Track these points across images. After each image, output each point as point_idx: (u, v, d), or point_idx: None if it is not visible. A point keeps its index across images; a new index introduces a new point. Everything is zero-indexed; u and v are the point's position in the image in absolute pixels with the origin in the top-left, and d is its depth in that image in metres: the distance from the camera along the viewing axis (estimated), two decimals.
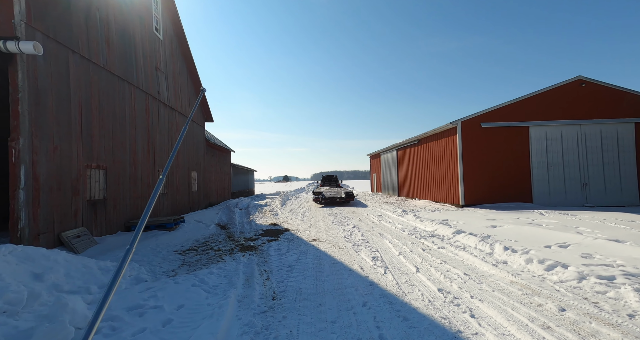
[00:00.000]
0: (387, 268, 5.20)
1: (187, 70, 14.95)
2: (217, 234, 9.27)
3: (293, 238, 8.26)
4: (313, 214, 13.51)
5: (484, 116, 14.84)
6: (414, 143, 20.51)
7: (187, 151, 14.64)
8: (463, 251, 5.99)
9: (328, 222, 10.95)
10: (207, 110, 17.63)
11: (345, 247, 7.02)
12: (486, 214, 10.94)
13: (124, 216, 9.02)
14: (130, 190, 9.43)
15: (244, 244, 7.61)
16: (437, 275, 4.69)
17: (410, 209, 14.42)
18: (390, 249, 6.67)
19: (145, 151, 10.44)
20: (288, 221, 11.60)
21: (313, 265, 5.57)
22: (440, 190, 16.88)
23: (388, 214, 12.89)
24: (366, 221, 11.03)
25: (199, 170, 16.56)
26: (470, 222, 9.11)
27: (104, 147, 8.13)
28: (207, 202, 17.78)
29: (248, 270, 5.32)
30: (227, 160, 23.58)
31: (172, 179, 12.80)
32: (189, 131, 15.18)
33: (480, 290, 4.01)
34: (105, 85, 8.22)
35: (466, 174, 14.69)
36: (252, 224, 11.08)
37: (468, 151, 14.76)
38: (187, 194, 14.43)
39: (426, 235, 7.80)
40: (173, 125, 12.98)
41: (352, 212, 13.86)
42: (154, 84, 11.15)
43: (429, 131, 17.49)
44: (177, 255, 6.61)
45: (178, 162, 13.48)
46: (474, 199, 14.69)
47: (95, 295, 3.76)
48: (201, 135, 17.05)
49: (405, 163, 22.48)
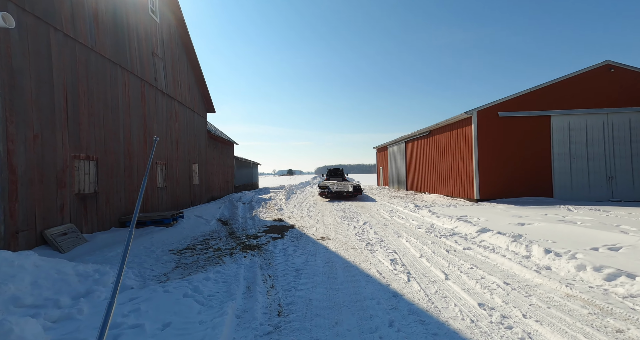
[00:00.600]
0: (410, 274, 4.50)
1: (187, 58, 14.18)
2: (218, 230, 8.64)
3: (299, 236, 7.59)
4: (319, 209, 12.83)
5: (502, 105, 13.92)
6: (424, 135, 19.63)
7: (187, 142, 13.97)
8: (494, 253, 5.25)
9: (336, 218, 10.26)
10: (208, 100, 16.91)
11: (357, 246, 6.32)
12: (507, 210, 10.15)
13: (118, 211, 8.41)
14: (125, 183, 8.80)
15: (246, 243, 6.96)
16: (472, 284, 3.97)
17: (422, 203, 13.67)
18: (408, 249, 5.96)
19: (142, 142, 9.79)
20: (293, 217, 10.94)
21: (324, 269, 4.89)
22: (453, 184, 16.08)
23: (399, 209, 12.16)
24: (377, 217, 10.32)
25: (201, 162, 15.92)
26: (493, 218, 8.34)
27: (94, 137, 7.47)
28: (209, 195, 17.19)
29: (250, 275, 4.66)
30: (230, 152, 22.94)
31: (172, 172, 12.17)
32: (190, 122, 14.51)
33: (531, 306, 3.29)
34: (94, 68, 7.51)
35: (481, 166, 13.86)
36: (256, 219, 10.44)
37: (484, 142, 13.90)
38: (188, 187, 13.82)
39: (446, 234, 7.07)
40: (172, 115, 12.29)
41: (360, 207, 13.16)
42: (150, 70, 10.43)
43: (441, 122, 16.61)
44: (172, 255, 5.97)
45: (178, 154, 12.84)
46: (489, 193, 13.88)
47: (65, 310, 3.11)
48: (202, 126, 16.37)
49: (415, 156, 21.64)
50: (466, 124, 14.59)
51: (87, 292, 3.57)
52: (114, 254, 5.76)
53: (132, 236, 1.75)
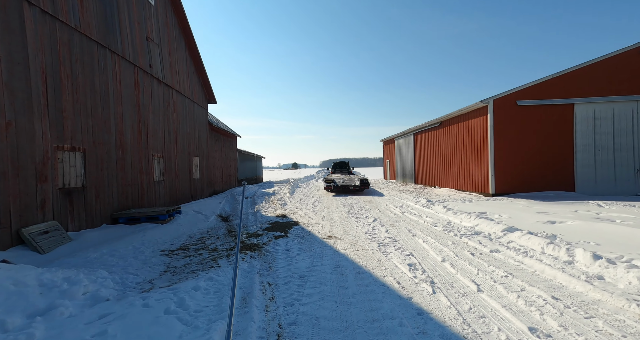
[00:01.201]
0: (434, 283, 3.82)
1: (185, 45, 13.46)
2: (216, 227, 8.04)
3: (304, 234, 6.95)
4: (325, 204, 12.18)
5: (520, 93, 12.99)
6: (435, 126, 18.76)
7: (187, 134, 13.35)
8: (528, 257, 4.55)
9: (343, 214, 9.60)
10: (209, 90, 16.22)
11: (369, 247, 5.66)
12: (530, 206, 9.38)
13: (110, 206, 7.84)
14: (118, 176, 8.21)
15: (245, 242, 6.34)
16: (512, 299, 3.28)
17: (434, 198, 12.93)
18: (427, 251, 5.28)
19: (135, 132, 9.17)
20: (298, 212, 10.30)
21: (332, 275, 4.24)
22: (465, 178, 15.28)
23: (410, 204, 11.45)
24: (387, 213, 9.63)
25: (202, 155, 15.33)
26: (516, 215, 7.60)
27: (80, 126, 6.85)
28: (210, 189, 16.64)
29: (247, 282, 4.03)
30: (233, 145, 22.33)
31: (170, 165, 11.58)
32: (190, 113, 13.86)
33: (599, 333, 2.59)
34: (79, 51, 6.85)
35: (497, 159, 13.03)
36: (258, 215, 9.83)
37: (500, 133, 13.03)
38: (187, 181, 13.25)
39: (467, 233, 6.36)
40: (169, 105, 11.64)
41: (368, 202, 12.47)
42: (144, 56, 9.74)
43: (454, 112, 15.73)
44: (163, 257, 5.37)
45: (177, 146, 12.23)
46: (506, 187, 13.07)
47: (10, 335, 2.50)
48: (203, 117, 15.72)
49: (424, 148, 20.79)
50: (481, 114, 13.71)
51: (48, 307, 2.97)
52: (97, 255, 5.17)
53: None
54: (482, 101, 13.10)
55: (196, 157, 14.58)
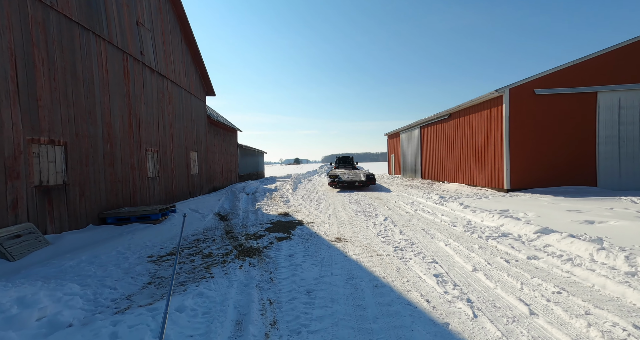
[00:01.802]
0: (472, 302, 3.12)
1: (180, 33, 12.67)
2: (213, 227, 7.37)
3: (309, 236, 6.26)
4: (330, 201, 11.49)
5: (539, 81, 12.15)
6: (444, 118, 17.93)
7: (184, 128, 12.65)
8: (577, 267, 3.83)
9: (351, 212, 8.90)
10: (207, 81, 15.46)
11: (384, 252, 4.96)
12: (555, 202, 8.62)
13: (97, 205, 7.19)
14: (106, 172, 7.54)
15: (244, 245, 5.66)
16: (582, 329, 2.57)
17: (445, 194, 12.20)
18: (452, 257, 4.58)
19: (126, 124, 8.47)
20: (301, 210, 9.62)
21: (345, 290, 3.55)
22: (477, 172, 14.51)
23: (421, 200, 10.73)
24: (398, 211, 8.92)
25: (200, 150, 14.64)
26: (545, 214, 6.87)
27: (60, 117, 6.15)
28: (210, 186, 15.99)
29: (243, 299, 3.34)
30: (234, 140, 21.62)
31: (166, 160, 10.90)
32: (187, 105, 13.13)
33: None
34: (57, 32, 6.12)
35: (513, 152, 12.24)
36: (259, 213, 9.15)
37: (516, 124, 12.23)
38: (185, 177, 12.58)
39: (493, 235, 5.65)
40: (164, 96, 10.92)
41: (376, 199, 11.76)
42: (134, 42, 8.99)
43: (465, 103, 14.90)
44: (149, 264, 4.70)
45: (172, 140, 11.54)
46: (522, 182, 12.31)
47: None
48: (201, 110, 14.99)
49: (431, 141, 19.99)
50: (495, 104, 12.89)
51: None
52: (74, 262, 4.51)
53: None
54: (497, 90, 12.27)
55: (194, 152, 13.90)
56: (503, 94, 12.29)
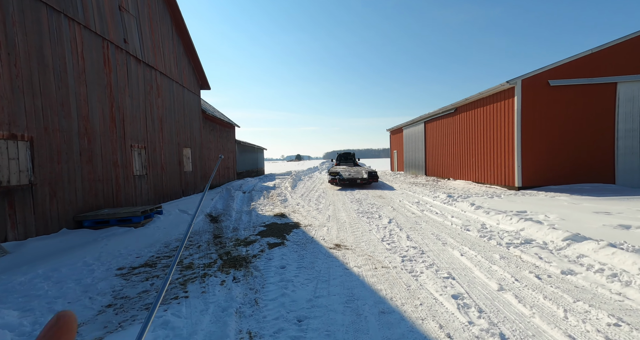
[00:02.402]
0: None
1: (171, 21, 11.92)
2: (201, 231, 6.70)
3: (305, 241, 5.58)
4: (330, 200, 10.80)
5: (553, 72, 11.35)
6: (449, 112, 17.15)
7: (175, 123, 11.95)
8: (628, 287, 3.14)
9: (352, 213, 8.21)
10: (201, 74, 14.72)
11: (390, 264, 4.28)
12: (575, 202, 7.90)
13: (72, 207, 6.52)
14: (83, 170, 6.87)
15: (231, 253, 4.99)
16: None
17: (454, 193, 11.48)
18: (471, 271, 3.89)
19: (107, 118, 7.78)
20: (299, 210, 8.94)
21: (345, 317, 2.86)
22: (485, 169, 13.77)
23: (427, 199, 10.02)
24: (403, 212, 8.23)
25: (194, 146, 13.96)
26: (569, 216, 6.16)
27: (23, 108, 5.46)
28: (205, 184, 15.34)
29: (216, 332, 2.66)
30: (231, 136, 20.92)
31: (155, 157, 10.23)
32: (179, 99, 12.42)
33: None
34: (18, 10, 5.41)
35: (525, 147, 11.50)
36: (253, 214, 8.48)
37: (529, 118, 11.46)
38: (177, 175, 11.92)
39: (514, 241, 4.95)
40: (152, 88, 10.21)
41: (379, 198, 11.07)
42: (116, 28, 8.27)
43: (473, 96, 14.11)
44: (117, 278, 4.04)
45: (163, 135, 10.86)
46: (534, 180, 11.58)
47: None
48: (195, 104, 14.28)
49: (436, 137, 19.22)
50: (506, 97, 12.11)
51: None
52: (27, 278, 3.85)
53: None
54: (508, 82, 11.49)
55: (188, 149, 13.22)
56: (515, 85, 11.50)
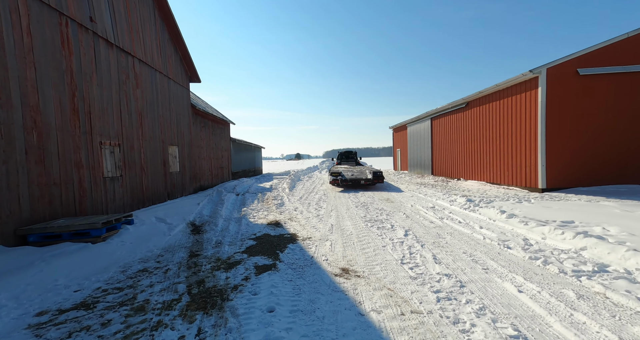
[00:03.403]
0: None
1: (153, 2, 10.62)
2: (176, 247, 5.45)
3: (304, 264, 4.33)
4: (332, 204, 9.55)
5: (583, 59, 10.10)
6: (460, 107, 15.89)
7: (159, 117, 10.68)
8: None
9: (358, 221, 6.96)
10: (190, 65, 13.43)
11: (423, 307, 3.02)
12: (629, 209, 6.64)
13: (15, 218, 5.26)
14: (31, 173, 5.60)
15: (205, 283, 3.74)
16: None
17: (471, 195, 10.22)
18: (546, 323, 2.65)
19: (67, 110, 6.51)
20: (297, 217, 7.69)
21: None
22: (502, 168, 12.53)
23: (443, 204, 8.78)
24: (419, 219, 6.98)
25: (183, 144, 12.69)
26: (636, 228, 4.90)
27: None
28: (196, 185, 14.08)
29: None
30: (226, 133, 19.64)
31: (132, 156, 8.96)
32: (164, 91, 11.15)
33: None
34: None
35: (550, 144, 10.26)
36: (243, 223, 7.23)
37: (554, 111, 10.22)
38: (161, 176, 10.66)
39: (582, 268, 3.71)
40: (129, 78, 8.93)
41: (387, 201, 9.82)
42: (79, 4, 6.98)
43: (488, 88, 12.86)
44: (26, 332, 2.78)
45: (143, 131, 9.59)
46: (560, 180, 10.34)
47: None
48: (183, 98, 13.00)
49: (444, 134, 17.97)
50: (528, 88, 10.85)
51: None
52: None
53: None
54: (531, 71, 10.22)
55: (174, 147, 11.96)
56: (539, 75, 10.25)
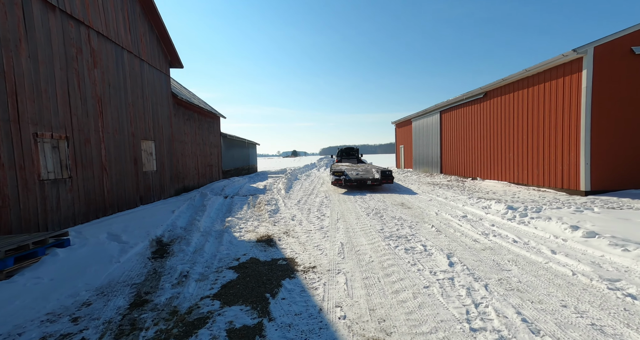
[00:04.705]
0: None
1: None
2: (118, 285, 3.68)
3: (308, 330, 2.58)
4: (337, 210, 7.81)
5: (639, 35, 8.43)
6: (476, 98, 14.19)
7: (129, 107, 8.85)
8: None
9: (375, 238, 5.23)
10: (169, 47, 11.56)
11: None
12: None
13: None
14: None
15: None
16: None
17: (504, 199, 8.50)
18: None
19: None
20: (294, 230, 5.94)
21: None
22: (530, 167, 10.88)
23: (477, 212, 7.07)
24: (454, 236, 5.26)
25: (161, 139, 10.87)
26: None
27: None
28: (179, 186, 12.26)
29: None
30: (215, 128, 17.78)
31: (87, 152, 7.16)
32: (135, 75, 9.31)
33: None
34: None
35: (596, 138, 8.61)
36: (225, 239, 5.47)
37: (603, 98, 8.56)
38: (131, 176, 8.85)
39: None
40: (81, 53, 7.09)
41: (402, 207, 8.11)
42: None
43: (514, 75, 11.17)
44: None
45: (104, 122, 7.77)
46: (607, 181, 8.71)
47: None
48: (162, 85, 11.15)
49: (456, 128, 16.28)
50: (569, 71, 9.16)
51: None
52: None
53: None
54: (575, 50, 8.53)
55: (149, 141, 10.13)
56: (584, 55, 8.56)
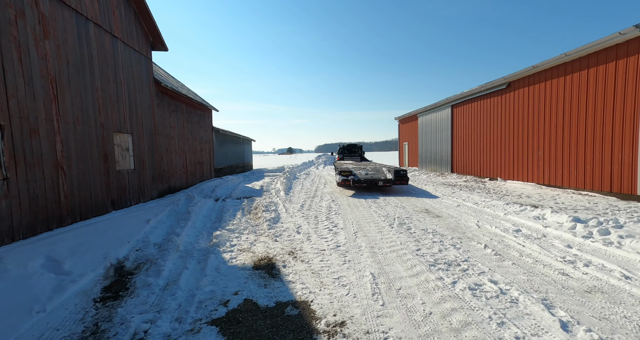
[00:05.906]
0: None
1: None
2: None
3: None
4: (351, 219, 6.30)
5: None
6: (497, 89, 12.76)
7: (97, 92, 7.23)
8: None
9: (413, 262, 3.73)
10: (151, 26, 9.90)
11: None
12: None
13: None
14: None
15: None
16: None
17: (549, 205, 7.06)
18: None
19: None
20: (303, 251, 4.40)
21: None
22: (567, 166, 9.49)
23: (532, 225, 5.61)
24: (522, 262, 3.79)
25: (140, 132, 9.25)
26: None
27: None
28: (162, 186, 10.66)
29: None
30: (206, 122, 16.15)
31: (34, 146, 5.55)
32: (104, 55, 7.69)
33: None
34: None
35: None
36: (209, 265, 3.93)
37: None
38: (99, 176, 7.25)
39: None
40: (22, 17, 5.44)
41: (427, 214, 6.64)
42: None
43: (548, 60, 9.76)
44: None
45: (60, 109, 6.16)
46: None
47: None
48: (142, 69, 9.50)
49: (472, 123, 14.87)
50: (623, 54, 7.75)
51: None
52: None
53: None
54: (637, 26, 7.11)
55: (124, 135, 8.51)
56: None
